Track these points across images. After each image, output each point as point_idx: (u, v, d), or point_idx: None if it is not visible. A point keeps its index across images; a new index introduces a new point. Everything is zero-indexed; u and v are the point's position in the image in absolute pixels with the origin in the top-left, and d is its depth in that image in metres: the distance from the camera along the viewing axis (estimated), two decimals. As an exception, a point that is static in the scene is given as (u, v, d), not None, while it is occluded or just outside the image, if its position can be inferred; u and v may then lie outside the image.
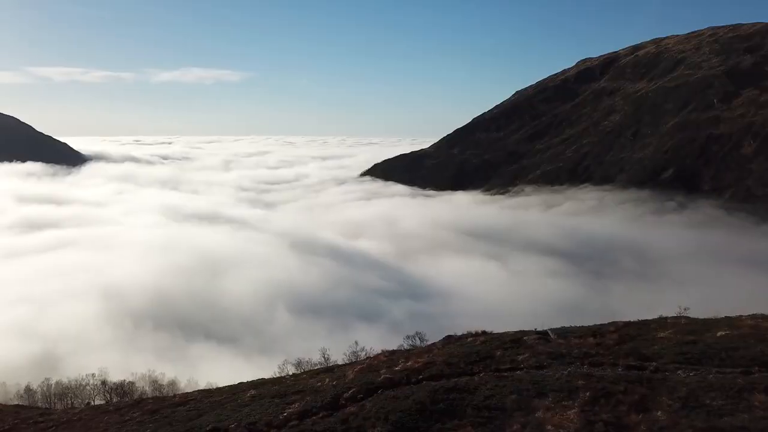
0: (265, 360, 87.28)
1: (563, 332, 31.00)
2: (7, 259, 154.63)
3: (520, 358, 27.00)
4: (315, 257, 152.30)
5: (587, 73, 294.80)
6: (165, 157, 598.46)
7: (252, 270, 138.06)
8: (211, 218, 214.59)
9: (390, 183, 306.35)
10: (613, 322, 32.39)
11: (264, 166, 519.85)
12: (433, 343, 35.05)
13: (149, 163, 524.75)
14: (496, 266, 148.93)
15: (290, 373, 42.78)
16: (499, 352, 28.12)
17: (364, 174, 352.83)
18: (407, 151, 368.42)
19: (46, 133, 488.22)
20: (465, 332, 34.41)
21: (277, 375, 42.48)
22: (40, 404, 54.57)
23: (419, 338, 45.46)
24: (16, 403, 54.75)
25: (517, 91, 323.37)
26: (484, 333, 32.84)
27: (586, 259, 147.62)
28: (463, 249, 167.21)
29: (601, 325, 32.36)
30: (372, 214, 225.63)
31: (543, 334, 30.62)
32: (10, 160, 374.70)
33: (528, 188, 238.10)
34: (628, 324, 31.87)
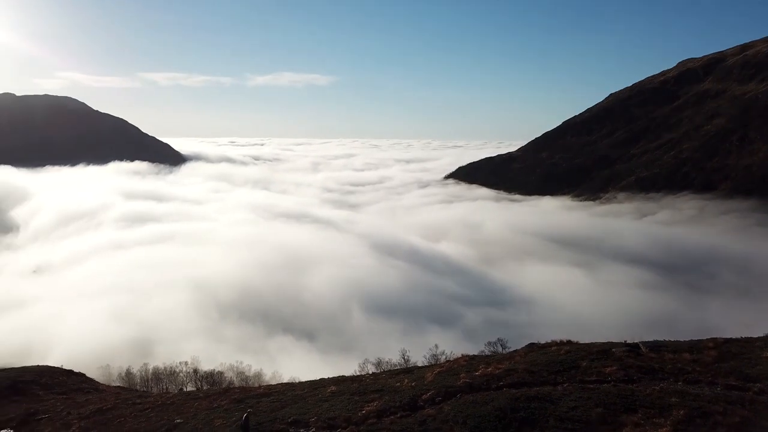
0: (341, 357, 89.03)
1: (656, 346, 29.27)
2: (113, 250, 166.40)
3: (608, 370, 25.77)
4: (394, 259, 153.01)
5: (689, 74, 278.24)
6: (257, 158, 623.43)
7: (332, 269, 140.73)
8: (297, 217, 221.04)
9: (474, 186, 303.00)
10: (712, 339, 30.22)
11: (350, 168, 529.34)
12: (515, 350, 34.22)
13: (243, 163, 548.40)
14: (583, 275, 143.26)
15: (370, 371, 43.23)
16: (584, 363, 26.99)
17: (447, 177, 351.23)
18: (493, 154, 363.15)
19: (150, 134, 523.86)
20: (549, 341, 33.37)
21: (357, 373, 43.08)
22: (138, 387, 58.37)
23: (501, 345, 44.64)
24: (118, 384, 58.89)
25: (611, 94, 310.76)
26: (569, 342, 31.67)
27: (681, 271, 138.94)
28: (548, 256, 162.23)
29: (698, 340, 30.28)
30: (454, 218, 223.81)
31: (633, 347, 29.06)
32: (120, 159, 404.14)
33: (620, 195, 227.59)
34: (728, 341, 29.62)
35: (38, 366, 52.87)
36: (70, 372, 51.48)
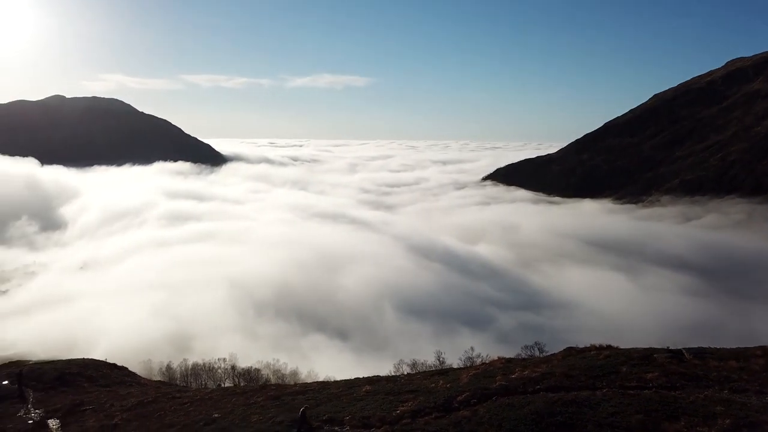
0: (374, 357, 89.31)
1: (700, 353, 28.33)
2: (155, 248, 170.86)
3: (649, 376, 25.06)
4: (429, 261, 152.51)
5: (738, 74, 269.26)
6: (296, 159, 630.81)
7: (367, 269, 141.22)
8: (334, 218, 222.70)
9: (512, 188, 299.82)
10: (761, 347, 29.03)
11: (386, 170, 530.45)
12: (553, 354, 33.61)
13: (282, 164, 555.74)
14: (623, 279, 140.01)
15: (405, 372, 43.17)
16: (625, 369, 26.31)
17: (485, 179, 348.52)
18: (532, 156, 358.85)
19: (192, 135, 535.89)
20: (587, 345, 32.65)
21: (392, 373, 43.08)
22: (178, 381, 59.74)
23: (538, 348, 44.04)
24: (158, 378, 60.38)
25: (655, 95, 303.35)
26: (608, 347, 30.91)
27: (726, 277, 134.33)
28: (587, 260, 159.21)
29: (745, 348, 29.16)
30: (491, 220, 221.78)
31: (676, 354, 28.18)
32: (164, 159, 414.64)
33: (664, 198, 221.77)
34: (778, 349, 28.45)
35: (84, 359, 54.57)
36: (113, 365, 52.96)
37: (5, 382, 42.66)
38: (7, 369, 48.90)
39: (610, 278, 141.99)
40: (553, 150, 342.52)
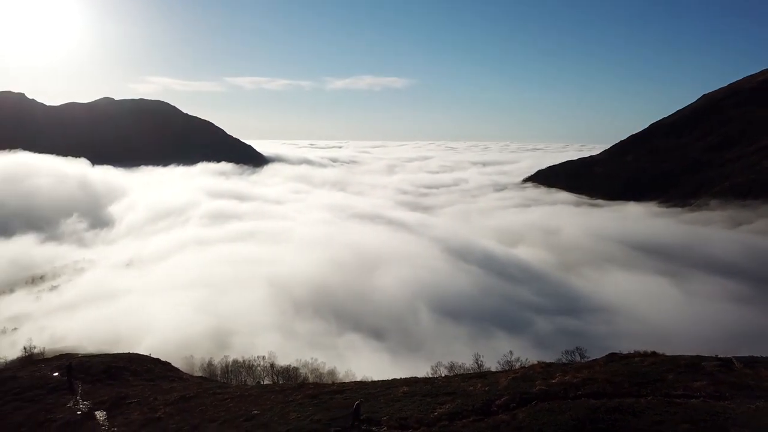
0: (409, 358, 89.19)
1: (751, 362, 27.28)
2: (197, 246, 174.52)
3: (697, 385, 24.27)
4: (466, 263, 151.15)
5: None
6: (335, 160, 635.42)
7: (403, 270, 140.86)
8: (372, 219, 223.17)
9: (553, 190, 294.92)
10: (817, 357, 27.82)
11: (425, 171, 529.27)
12: (595, 360, 32.89)
13: (321, 165, 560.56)
14: (668, 285, 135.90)
15: (442, 374, 42.95)
16: (671, 376, 25.55)
17: (525, 180, 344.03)
18: (574, 157, 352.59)
19: (235, 136, 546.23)
20: (631, 351, 31.85)
21: (430, 375, 42.92)
22: (218, 378, 60.84)
23: (579, 353, 43.17)
24: (200, 374, 61.64)
25: (704, 95, 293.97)
26: (653, 354, 30.10)
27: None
28: (630, 264, 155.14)
29: (801, 358, 27.98)
30: (531, 222, 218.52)
31: (725, 362, 27.22)
32: (207, 160, 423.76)
33: (713, 202, 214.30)
34: (836, 361, 27.17)
35: (129, 353, 56.19)
36: (157, 360, 54.32)
37: (56, 374, 44.24)
38: (58, 361, 50.76)
39: (654, 283, 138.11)
40: (596, 152, 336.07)
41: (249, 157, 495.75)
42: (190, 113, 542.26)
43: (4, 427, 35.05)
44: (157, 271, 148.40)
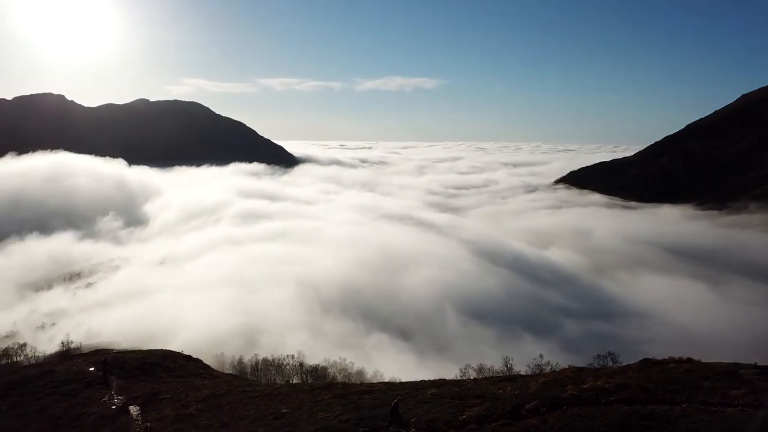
0: (436, 359, 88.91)
1: (792, 371, 26.40)
2: (229, 245, 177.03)
3: (734, 393, 23.57)
4: (495, 265, 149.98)
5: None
6: (365, 161, 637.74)
7: (431, 271, 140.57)
8: (401, 219, 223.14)
9: (585, 192, 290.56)
10: None
11: (455, 172, 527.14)
12: (628, 365, 32.25)
13: (351, 166, 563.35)
14: (705, 289, 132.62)
15: (471, 376, 42.67)
16: (707, 384, 24.87)
17: (557, 182, 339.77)
18: (607, 159, 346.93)
19: (266, 137, 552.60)
20: (665, 357, 31.12)
21: (458, 377, 42.69)
22: (248, 375, 61.58)
23: (611, 359, 42.46)
24: (230, 371, 62.49)
25: (743, 95, 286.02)
26: (689, 360, 29.34)
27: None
28: (665, 267, 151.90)
29: (844, 368, 26.95)
30: (562, 224, 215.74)
31: (765, 370, 26.39)
32: (239, 160, 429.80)
33: (752, 205, 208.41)
34: None
35: (162, 350, 57.25)
36: (189, 357, 55.24)
37: (92, 369, 45.35)
38: (94, 357, 52.02)
39: (690, 288, 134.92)
40: (630, 153, 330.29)
41: (280, 158, 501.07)
42: (223, 114, 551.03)
43: (43, 420, 36.09)
44: (189, 270, 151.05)
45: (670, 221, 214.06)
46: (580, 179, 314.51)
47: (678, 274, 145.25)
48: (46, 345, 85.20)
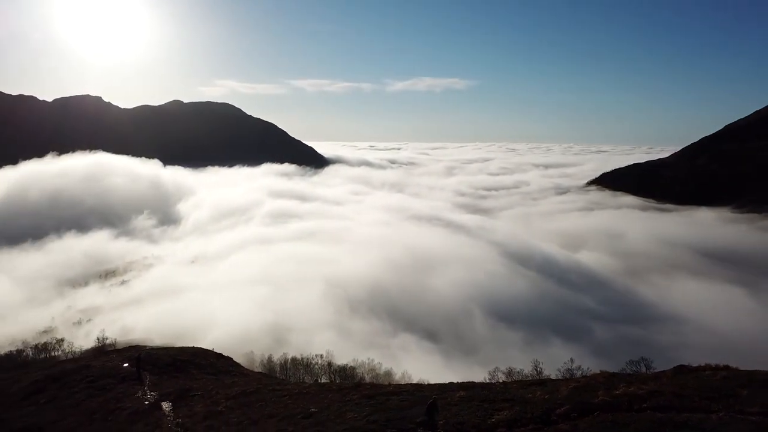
0: (463, 361, 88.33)
1: (836, 381, 25.45)
2: (259, 244, 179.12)
3: (775, 402, 22.83)
4: (525, 268, 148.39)
5: None
6: (394, 162, 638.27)
7: (460, 273, 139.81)
8: (429, 220, 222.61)
9: (618, 194, 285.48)
10: None
11: (485, 173, 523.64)
12: (662, 371, 31.52)
13: (380, 167, 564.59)
14: (743, 295, 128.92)
15: (500, 380, 42.26)
16: (745, 392, 24.14)
17: (589, 183, 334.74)
18: (642, 160, 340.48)
19: (296, 138, 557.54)
20: (701, 364, 30.32)
21: (486, 380, 42.32)
22: (277, 374, 62.09)
23: (644, 364, 41.56)
24: (259, 370, 63.11)
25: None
26: (726, 368, 28.53)
27: None
28: (701, 272, 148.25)
29: None
30: (594, 226, 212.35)
31: (807, 380, 25.50)
32: (271, 161, 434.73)
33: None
34: None
35: (193, 347, 58.13)
36: (219, 355, 55.96)
37: (126, 365, 46.34)
38: (128, 353, 53.14)
39: (727, 293, 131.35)
40: (665, 154, 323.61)
41: (310, 159, 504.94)
42: (254, 115, 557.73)
43: (79, 413, 37.01)
44: (220, 268, 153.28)
45: (706, 224, 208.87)
46: (612, 181, 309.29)
47: (715, 279, 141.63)
48: (83, 340, 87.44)
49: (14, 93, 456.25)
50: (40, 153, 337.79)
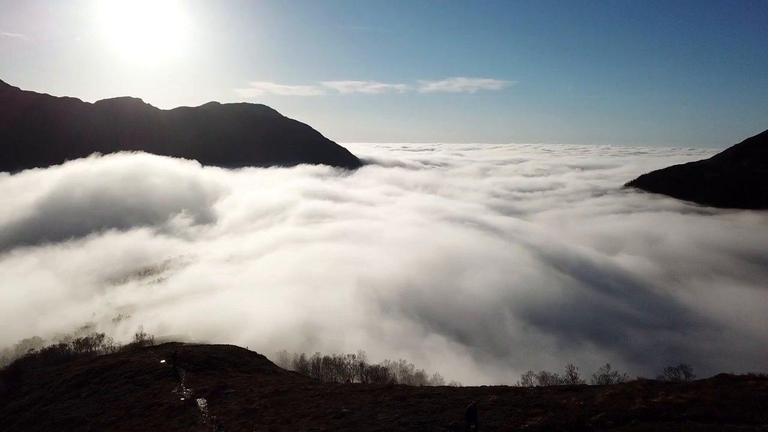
0: (495, 364, 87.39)
1: None
2: (293, 244, 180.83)
3: (823, 416, 21.94)
4: (559, 271, 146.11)
5: None
6: (427, 163, 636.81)
7: (492, 275, 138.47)
8: (463, 222, 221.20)
9: (657, 196, 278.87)
10: None
11: (519, 174, 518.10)
12: (703, 380, 30.61)
13: (413, 168, 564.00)
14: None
15: (534, 384, 41.69)
16: (791, 404, 23.27)
17: (627, 185, 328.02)
18: (682, 162, 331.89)
19: (331, 139, 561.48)
20: (744, 374, 29.34)
21: (520, 384, 41.80)
22: (310, 374, 62.46)
23: (684, 372, 40.47)
24: (292, 368, 63.60)
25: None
26: (771, 378, 27.55)
27: None
28: (745, 277, 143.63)
29: None
30: (631, 229, 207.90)
31: None
32: (305, 162, 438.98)
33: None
34: None
35: (228, 345, 58.98)
36: (253, 353, 56.64)
37: (163, 361, 47.34)
38: (165, 349, 54.25)
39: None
40: (706, 156, 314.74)
41: (344, 160, 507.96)
42: (289, 116, 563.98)
43: (118, 408, 37.98)
44: (255, 267, 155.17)
45: (750, 227, 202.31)
46: (651, 183, 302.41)
47: (759, 284, 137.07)
48: (121, 336, 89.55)
49: (60, 96, 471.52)
50: (84, 154, 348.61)
